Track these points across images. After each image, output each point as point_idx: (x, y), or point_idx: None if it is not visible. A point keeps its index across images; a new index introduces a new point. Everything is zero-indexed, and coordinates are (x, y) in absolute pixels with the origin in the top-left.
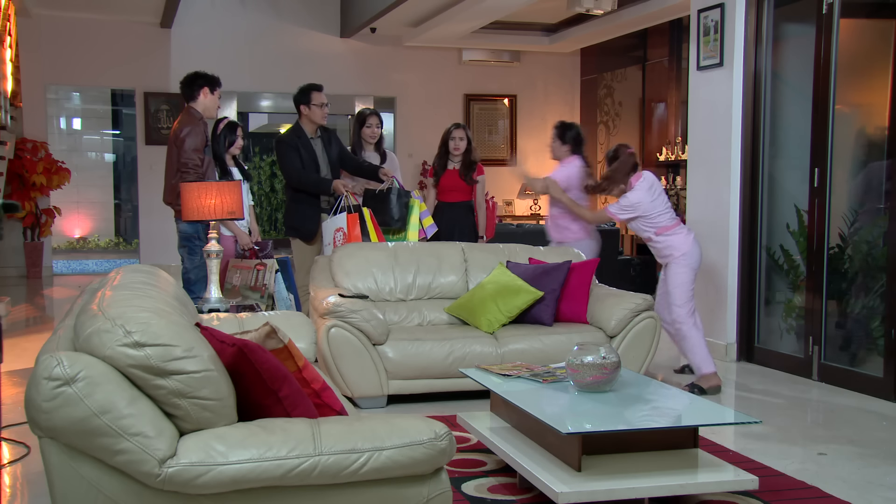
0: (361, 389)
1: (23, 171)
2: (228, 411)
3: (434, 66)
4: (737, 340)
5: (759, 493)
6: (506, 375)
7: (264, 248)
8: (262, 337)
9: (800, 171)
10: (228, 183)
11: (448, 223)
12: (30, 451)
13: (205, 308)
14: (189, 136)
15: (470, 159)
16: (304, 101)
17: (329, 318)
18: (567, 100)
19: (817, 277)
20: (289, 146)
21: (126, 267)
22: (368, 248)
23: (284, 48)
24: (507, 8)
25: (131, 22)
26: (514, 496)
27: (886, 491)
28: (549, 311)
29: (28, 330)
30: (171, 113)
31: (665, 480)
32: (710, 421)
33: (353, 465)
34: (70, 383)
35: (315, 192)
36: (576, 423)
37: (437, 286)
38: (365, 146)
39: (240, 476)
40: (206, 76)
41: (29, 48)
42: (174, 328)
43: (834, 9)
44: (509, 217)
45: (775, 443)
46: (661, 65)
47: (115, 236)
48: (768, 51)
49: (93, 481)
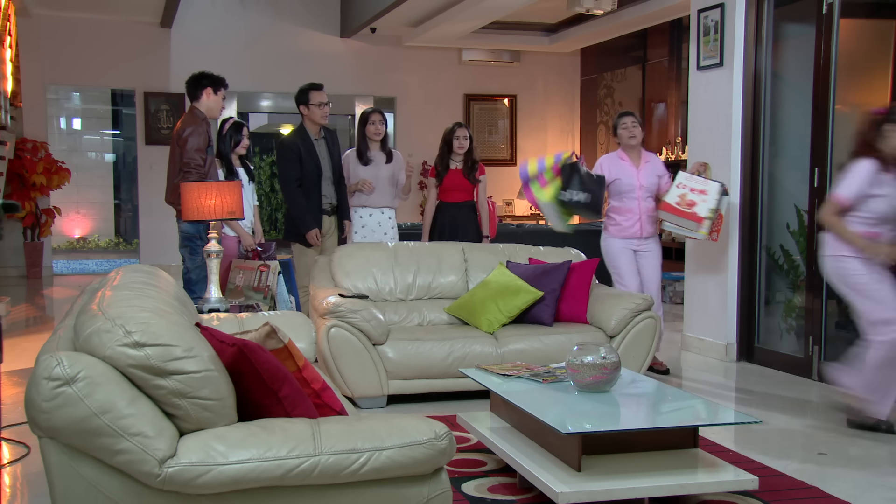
0: (361, 389)
1: (23, 171)
2: (228, 411)
3: (434, 66)
4: (737, 340)
5: (759, 493)
6: (506, 375)
7: (267, 249)
8: (262, 337)
9: (800, 171)
10: (228, 183)
11: (452, 223)
12: (30, 451)
13: (205, 308)
14: (191, 136)
15: (472, 158)
16: (303, 101)
17: (329, 318)
18: (567, 100)
19: (817, 277)
20: (290, 151)
21: (126, 267)
22: (368, 248)
23: (284, 48)
24: (507, 8)
25: (131, 22)
26: (514, 496)
27: (886, 491)
28: (549, 311)
29: (28, 330)
30: (171, 113)
31: (665, 480)
32: (710, 421)
33: (353, 465)
34: (70, 383)
35: (293, 214)
36: (576, 423)
37: (437, 286)
38: (370, 144)
39: (240, 476)
40: (211, 76)
41: (29, 48)
42: (174, 328)
43: (834, 9)
44: (509, 217)
45: (775, 443)
46: (661, 65)
47: (115, 236)
48: (768, 51)
49: (93, 481)
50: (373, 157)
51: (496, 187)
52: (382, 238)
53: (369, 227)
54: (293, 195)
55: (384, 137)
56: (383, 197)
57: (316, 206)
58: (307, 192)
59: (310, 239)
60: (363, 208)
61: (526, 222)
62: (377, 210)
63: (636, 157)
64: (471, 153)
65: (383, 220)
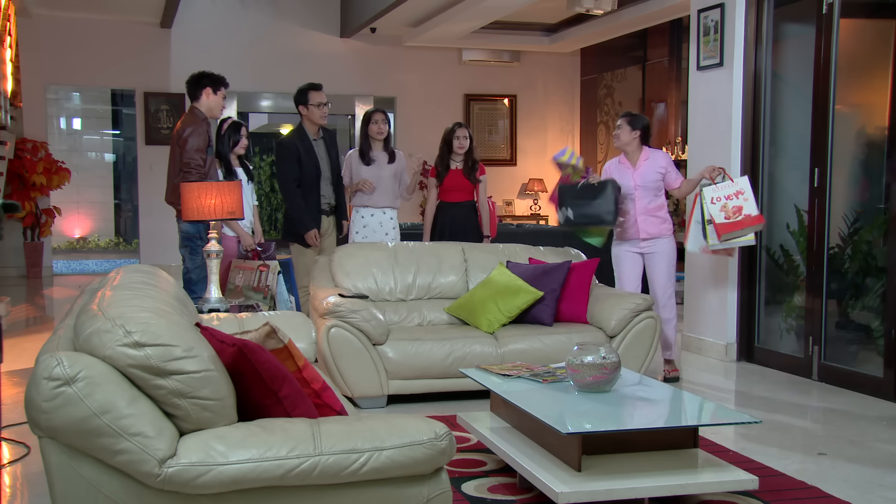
0: (361, 389)
1: (23, 171)
2: (228, 411)
3: (434, 66)
4: (737, 340)
5: (759, 493)
6: (506, 375)
7: (267, 249)
8: (262, 337)
9: (800, 171)
10: (228, 183)
11: (452, 223)
12: (30, 451)
13: (205, 308)
14: (191, 135)
15: (472, 158)
16: (302, 101)
17: (329, 318)
18: (567, 100)
19: (817, 277)
20: (289, 151)
21: (126, 267)
22: (368, 248)
23: (284, 48)
24: (507, 8)
25: (131, 22)
26: (514, 496)
27: (886, 491)
28: (549, 311)
29: (28, 330)
30: (171, 113)
31: (665, 480)
32: (710, 421)
33: (353, 465)
34: (70, 383)
35: (292, 215)
36: (576, 423)
37: (437, 286)
38: (373, 144)
39: (240, 476)
40: (212, 76)
41: (29, 48)
42: (174, 328)
43: (834, 9)
44: (509, 217)
45: (775, 443)
46: (661, 65)
47: (115, 236)
48: (768, 51)
49: (93, 481)
50: (375, 157)
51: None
52: (383, 238)
53: (370, 226)
54: (292, 196)
55: (387, 137)
56: (385, 197)
57: (315, 207)
58: (306, 192)
59: (308, 239)
60: (365, 208)
61: (526, 222)
62: (379, 210)
63: (634, 158)
64: (471, 153)
65: (385, 220)
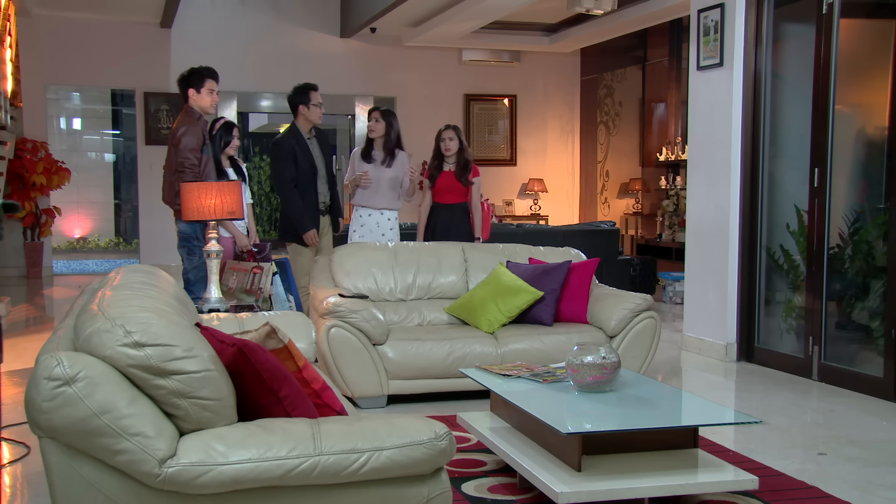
0: (361, 389)
1: (23, 171)
2: (228, 411)
3: (434, 66)
4: (737, 340)
5: (759, 493)
6: (506, 375)
7: (263, 250)
8: (262, 337)
9: (800, 171)
10: (228, 183)
11: (444, 224)
12: (30, 451)
13: (205, 308)
14: (185, 135)
15: (464, 159)
16: (304, 101)
17: (329, 318)
18: (567, 100)
19: (817, 277)
20: (284, 150)
21: (126, 267)
22: (368, 248)
23: (284, 48)
24: (507, 8)
25: (131, 22)
26: (514, 496)
27: (886, 491)
28: (549, 311)
29: (28, 330)
30: (171, 113)
31: (665, 480)
32: (710, 421)
33: (353, 465)
34: (70, 383)
35: (290, 215)
36: (576, 423)
37: (437, 286)
38: (374, 143)
39: (240, 476)
40: (189, 76)
41: (29, 48)
42: (174, 328)
43: (834, 9)
44: (509, 217)
45: (775, 443)
46: (661, 65)
47: (115, 236)
48: (768, 51)
49: (93, 481)
50: (375, 157)
51: (496, 187)
52: (380, 239)
53: (367, 226)
54: (289, 195)
55: (388, 138)
56: (384, 198)
57: (313, 206)
58: (303, 191)
59: (307, 240)
60: (363, 208)
61: (526, 222)
62: (377, 211)
63: None
64: (462, 154)
65: (382, 220)
